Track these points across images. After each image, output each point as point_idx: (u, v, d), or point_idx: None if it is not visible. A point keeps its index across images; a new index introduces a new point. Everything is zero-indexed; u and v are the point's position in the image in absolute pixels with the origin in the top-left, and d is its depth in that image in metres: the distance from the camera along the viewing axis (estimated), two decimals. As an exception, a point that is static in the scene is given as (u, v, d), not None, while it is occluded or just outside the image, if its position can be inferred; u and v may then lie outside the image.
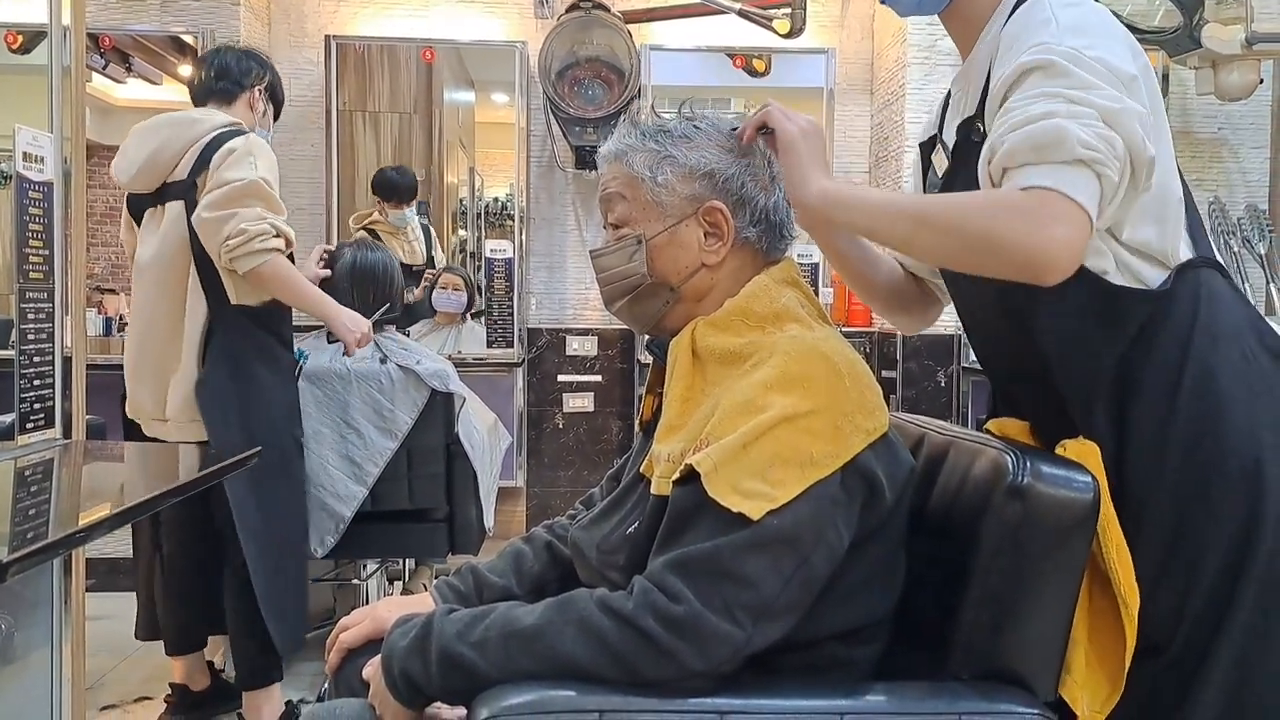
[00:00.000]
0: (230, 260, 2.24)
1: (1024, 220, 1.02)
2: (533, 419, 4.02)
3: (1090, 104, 1.04)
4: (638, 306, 1.27)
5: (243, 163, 2.27)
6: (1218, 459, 1.14)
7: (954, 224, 1.07)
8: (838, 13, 4.03)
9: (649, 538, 1.12)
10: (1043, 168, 1.03)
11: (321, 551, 2.56)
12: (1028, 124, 1.05)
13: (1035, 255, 1.02)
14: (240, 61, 2.50)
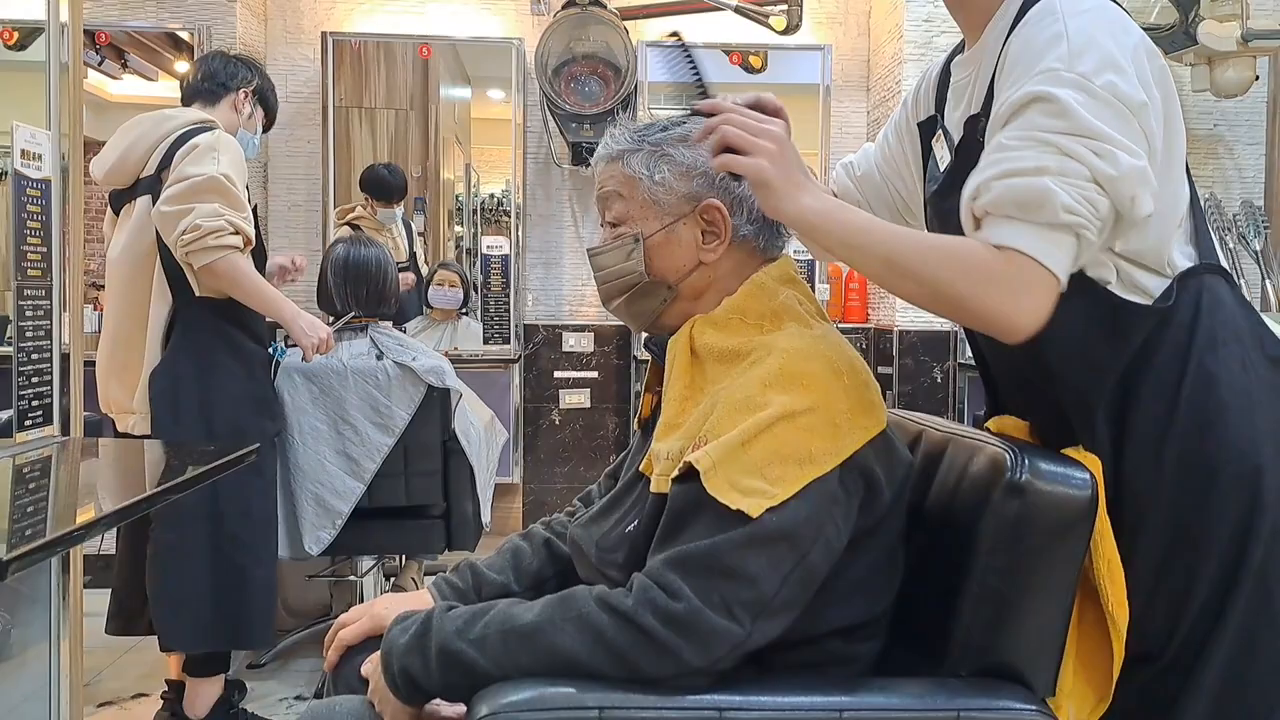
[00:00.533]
0: (185, 254, 2.24)
1: (994, 287, 1.04)
2: (529, 415, 4.02)
3: (1085, 162, 1.02)
4: (635, 305, 1.27)
5: (205, 158, 2.27)
6: (1215, 468, 1.13)
7: (925, 275, 1.07)
8: (834, 9, 4.03)
9: (648, 536, 1.13)
10: (1022, 226, 1.03)
11: (317, 549, 2.56)
12: (1016, 176, 1.04)
13: (1001, 321, 1.05)
14: (228, 65, 2.51)
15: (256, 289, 2.33)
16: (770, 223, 1.25)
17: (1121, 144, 1.03)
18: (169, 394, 2.31)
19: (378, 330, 2.71)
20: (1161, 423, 1.15)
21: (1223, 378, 1.15)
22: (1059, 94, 1.04)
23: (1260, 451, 1.13)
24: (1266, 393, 1.16)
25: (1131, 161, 1.03)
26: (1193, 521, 1.14)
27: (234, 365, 2.38)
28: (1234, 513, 1.13)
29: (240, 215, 2.29)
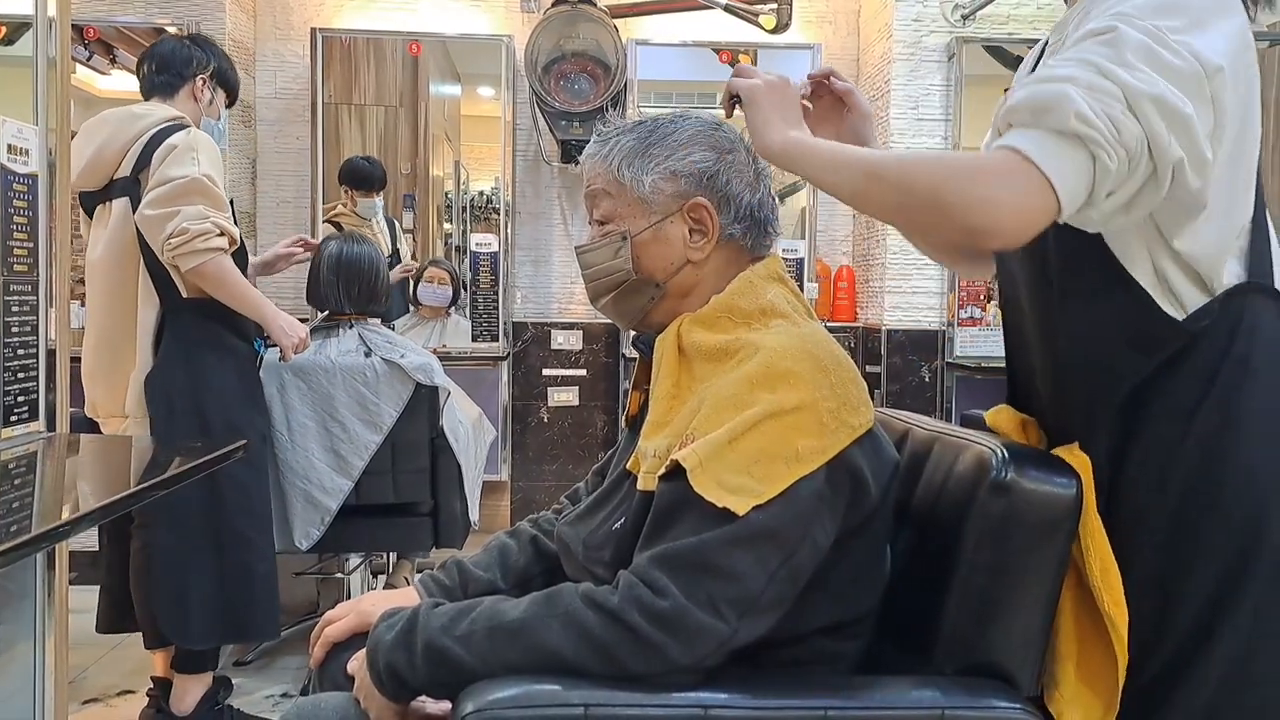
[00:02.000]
0: (172, 258, 2.24)
1: (978, 183, 0.98)
2: (517, 413, 4.02)
3: (1121, 83, 0.96)
4: (623, 302, 1.28)
5: (184, 159, 2.26)
6: (1216, 502, 1.08)
7: (904, 179, 1.03)
8: (824, 8, 4.03)
9: (634, 533, 1.13)
10: (1031, 132, 0.98)
11: (306, 544, 2.56)
12: (1040, 83, 0.99)
13: (978, 219, 0.97)
14: (178, 51, 2.47)
15: (240, 290, 2.33)
16: (758, 221, 1.26)
17: (1173, 90, 0.96)
18: (165, 397, 2.30)
19: (366, 327, 2.71)
20: (1170, 446, 1.10)
21: (1243, 412, 1.08)
22: (1120, 28, 0.99)
23: (1264, 493, 1.07)
24: None
25: (1178, 103, 0.96)
26: (1188, 553, 1.09)
27: (224, 364, 2.38)
28: (1229, 549, 1.07)
29: (224, 215, 2.29)
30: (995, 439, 1.16)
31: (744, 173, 1.25)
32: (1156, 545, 1.10)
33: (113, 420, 2.38)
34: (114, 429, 2.37)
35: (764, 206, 1.27)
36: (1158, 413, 1.11)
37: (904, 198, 1.04)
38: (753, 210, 1.25)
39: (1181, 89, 0.96)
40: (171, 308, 2.33)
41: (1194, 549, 1.09)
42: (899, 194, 1.04)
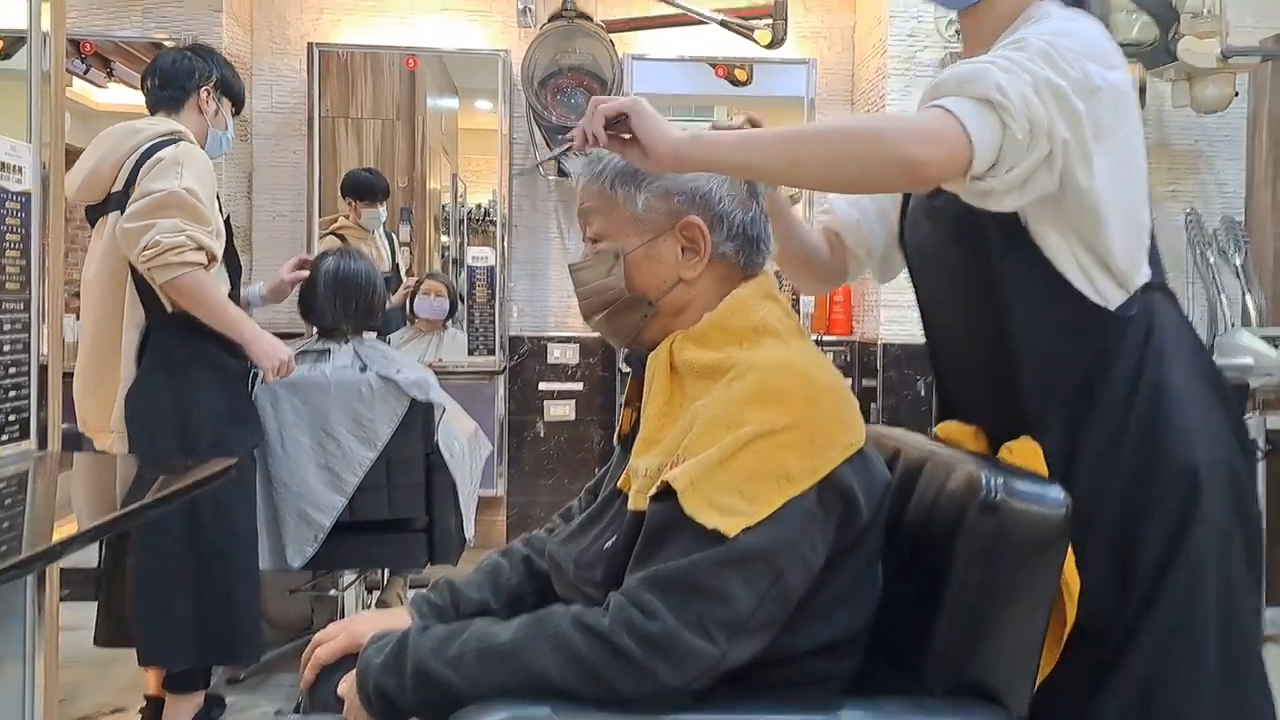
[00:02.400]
0: (147, 270, 2.23)
1: (907, 132, 1.11)
2: (514, 427, 4.02)
3: (1030, 72, 1.11)
4: (616, 320, 1.28)
5: (168, 173, 2.25)
6: (1161, 469, 1.24)
7: (842, 133, 1.15)
8: (819, 24, 4.04)
9: (625, 553, 1.13)
10: (957, 98, 1.12)
11: (300, 562, 2.55)
12: (963, 66, 1.14)
13: (908, 162, 1.10)
14: (180, 63, 2.47)
15: (218, 307, 2.31)
16: (750, 239, 1.26)
17: (1067, 86, 1.12)
18: (145, 412, 2.29)
19: (362, 343, 2.71)
20: (1116, 429, 1.25)
21: (1169, 387, 1.26)
22: (1029, 38, 1.16)
23: (1197, 453, 1.24)
24: (1201, 402, 1.28)
25: (1071, 99, 1.12)
26: (1141, 517, 1.24)
27: (210, 379, 2.36)
28: (1175, 506, 1.23)
29: (204, 230, 2.26)
30: (985, 459, 1.17)
31: (737, 191, 1.25)
32: (1113, 518, 1.24)
33: (101, 435, 2.37)
34: (103, 444, 2.37)
35: (756, 224, 1.27)
36: (1103, 397, 1.26)
37: (846, 145, 1.13)
38: (744, 228, 1.25)
39: (1073, 91, 1.13)
40: (156, 323, 2.32)
41: (1147, 514, 1.24)
42: (841, 143, 1.14)
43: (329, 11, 3.95)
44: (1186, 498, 1.23)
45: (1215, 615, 1.23)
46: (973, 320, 1.36)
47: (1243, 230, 3.74)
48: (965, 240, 1.32)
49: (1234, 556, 1.24)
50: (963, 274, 1.35)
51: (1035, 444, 1.24)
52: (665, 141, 1.14)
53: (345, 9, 3.95)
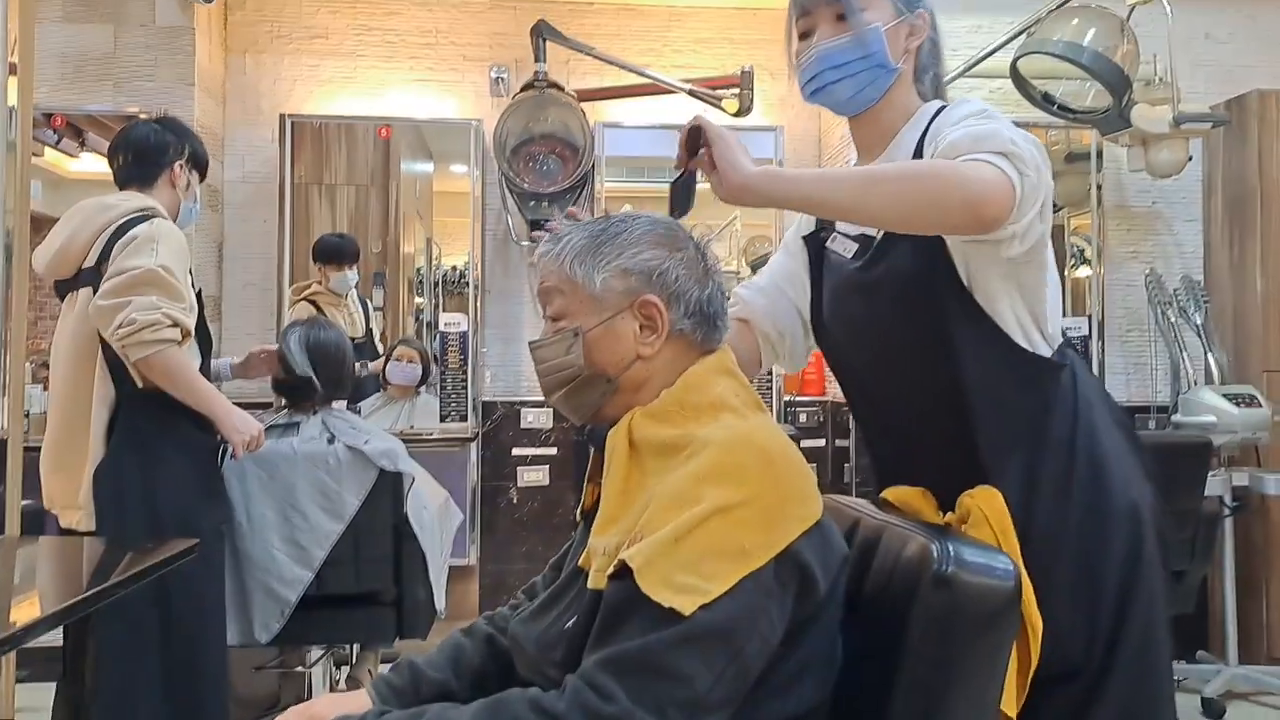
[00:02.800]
0: (121, 348, 2.23)
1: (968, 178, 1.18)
2: (486, 494, 4.00)
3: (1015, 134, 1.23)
4: (576, 397, 1.29)
5: (143, 250, 2.26)
6: (1108, 507, 1.34)
7: (906, 174, 1.24)
8: (784, 93, 4.12)
9: (585, 633, 1.12)
10: (976, 153, 1.21)
11: (266, 637, 2.51)
12: (969, 128, 1.24)
13: (980, 192, 1.17)
14: (154, 138, 2.48)
15: (191, 384, 2.31)
16: (707, 316, 1.28)
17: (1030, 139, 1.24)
18: (114, 490, 2.28)
19: (330, 413, 2.70)
20: (1064, 468, 1.34)
21: (1100, 430, 1.37)
22: (991, 111, 1.29)
23: (1133, 490, 1.35)
24: (1122, 446, 1.39)
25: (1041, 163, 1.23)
26: (1094, 553, 1.33)
27: (180, 456, 2.35)
28: (1125, 544, 1.33)
29: (179, 307, 2.27)
30: (938, 529, 1.18)
31: (693, 269, 1.28)
32: (1071, 554, 1.33)
33: (68, 512, 2.34)
34: (69, 521, 2.34)
35: (713, 302, 1.29)
36: (1050, 438, 1.35)
37: (916, 185, 1.21)
38: (702, 306, 1.27)
39: None
40: (126, 399, 2.31)
41: (1102, 549, 1.32)
42: (911, 183, 1.22)
43: (301, 83, 3.99)
44: (1133, 535, 1.33)
45: (1164, 639, 1.35)
46: (921, 384, 1.41)
47: (1202, 290, 3.81)
48: (914, 310, 1.37)
49: (1163, 592, 1.36)
50: (909, 342, 1.40)
51: (995, 490, 1.30)
52: (738, 173, 1.27)
53: (318, 81, 4.00)
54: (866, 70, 1.42)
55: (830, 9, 1.43)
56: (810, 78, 1.45)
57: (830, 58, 1.43)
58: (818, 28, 1.44)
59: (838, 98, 1.45)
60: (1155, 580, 1.34)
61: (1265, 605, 3.65)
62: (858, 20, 1.41)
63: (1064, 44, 3.11)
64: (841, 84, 1.43)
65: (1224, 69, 3.98)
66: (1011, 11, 3.67)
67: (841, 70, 1.42)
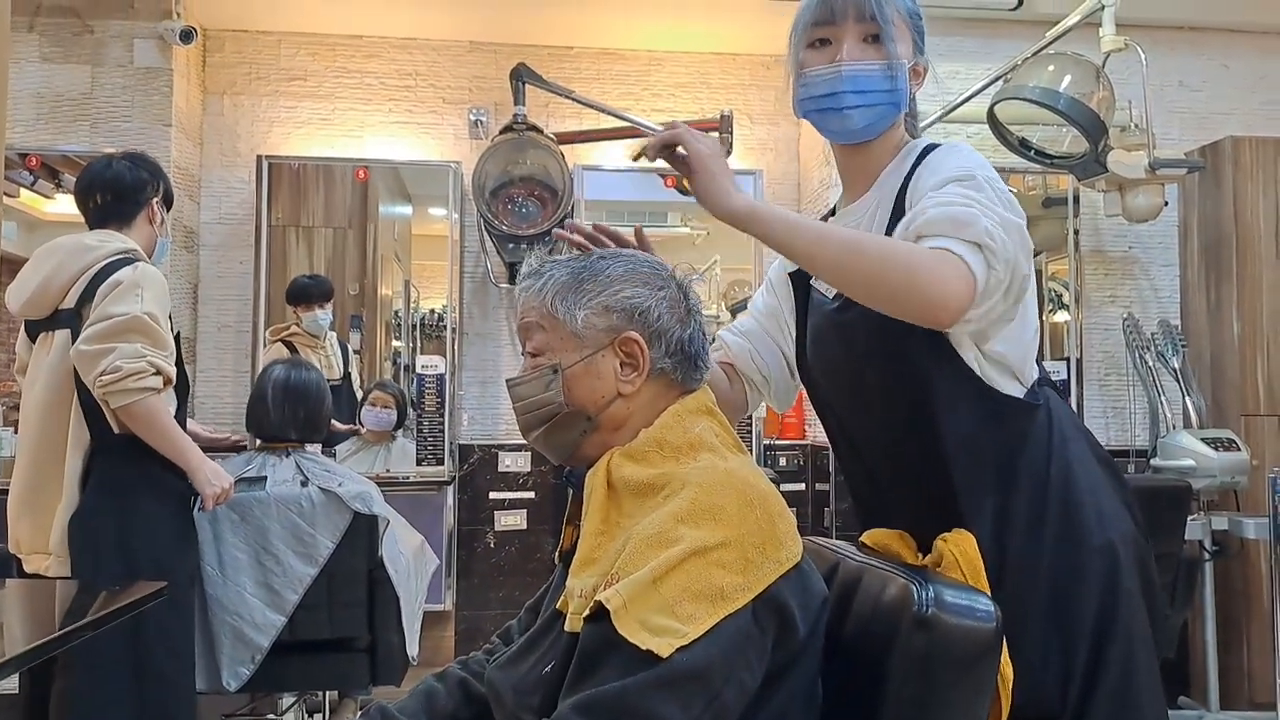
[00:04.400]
0: (103, 394, 2.21)
1: (933, 273, 1.18)
2: (463, 538, 3.95)
3: (996, 214, 1.22)
4: (555, 436, 1.27)
5: (128, 296, 2.25)
6: (1082, 544, 1.32)
7: (882, 256, 1.21)
8: (764, 137, 4.16)
9: (563, 677, 1.10)
10: (951, 240, 1.20)
11: (235, 684, 2.46)
12: (949, 205, 1.22)
13: (938, 296, 1.18)
14: (130, 175, 2.47)
15: (167, 433, 2.29)
16: (688, 355, 1.27)
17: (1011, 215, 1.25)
18: (90, 537, 2.24)
19: (303, 455, 2.67)
20: (1038, 507, 1.33)
21: (1075, 468, 1.35)
22: (974, 174, 1.26)
23: (1109, 525, 1.33)
24: (1101, 482, 1.37)
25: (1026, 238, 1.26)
26: (1068, 591, 1.31)
27: (155, 502, 2.32)
28: (1100, 581, 1.31)
29: (163, 354, 2.26)
30: (917, 571, 1.17)
31: (676, 308, 1.27)
32: (1045, 590, 1.31)
33: (35, 558, 2.30)
34: (36, 567, 2.29)
35: (694, 341, 1.28)
36: (1023, 480, 1.34)
37: (883, 270, 1.20)
38: (683, 345, 1.26)
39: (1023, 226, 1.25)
40: (102, 445, 2.28)
41: (1077, 585, 1.30)
42: (879, 267, 1.21)
43: (279, 125, 3.99)
44: (1108, 572, 1.31)
45: (1148, 682, 1.31)
46: (896, 426, 1.40)
47: (1179, 334, 3.83)
48: (887, 356, 1.36)
49: (1147, 627, 1.33)
50: (884, 384, 1.39)
51: (968, 534, 1.29)
52: (721, 207, 1.27)
53: (295, 123, 4.00)
54: (886, 104, 1.37)
55: (861, 27, 1.35)
56: (826, 94, 1.37)
57: (857, 81, 1.35)
58: (842, 42, 1.35)
59: (848, 124, 1.38)
60: (1135, 617, 1.32)
61: (1246, 650, 3.63)
62: (893, 50, 1.34)
63: (1040, 90, 3.15)
64: (858, 111, 1.36)
65: (1198, 115, 4.04)
66: (989, 58, 3.73)
67: (863, 97, 1.35)
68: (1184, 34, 4.05)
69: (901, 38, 1.37)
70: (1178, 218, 3.99)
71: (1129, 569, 1.32)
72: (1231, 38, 4.08)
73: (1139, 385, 3.89)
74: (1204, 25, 4.04)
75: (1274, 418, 3.68)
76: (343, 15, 3.90)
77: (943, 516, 1.33)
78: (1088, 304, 3.96)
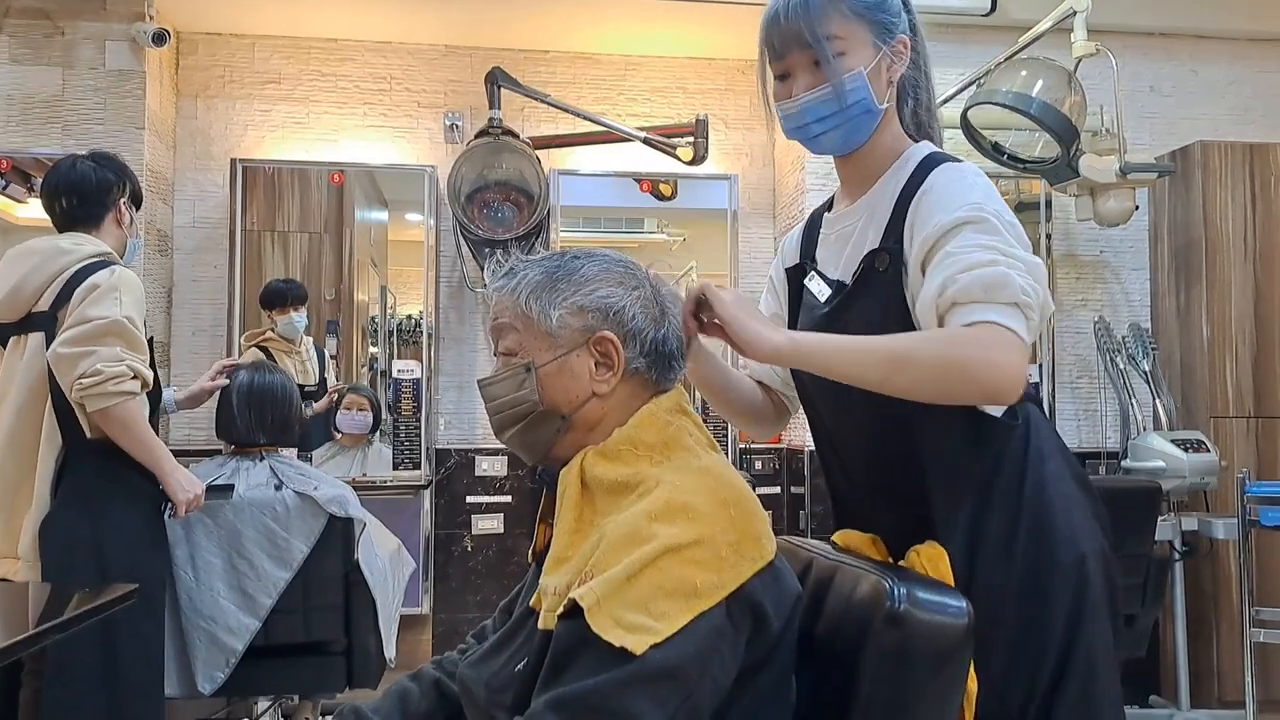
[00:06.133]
0: (80, 397, 2.20)
1: (986, 352, 1.19)
2: (440, 542, 3.94)
3: (1019, 259, 1.23)
4: (529, 434, 1.27)
5: (106, 299, 2.24)
6: (1052, 560, 1.33)
7: (929, 361, 1.21)
8: (739, 142, 4.17)
9: (536, 674, 1.10)
10: (989, 307, 1.20)
11: (210, 688, 2.44)
12: (977, 268, 1.21)
13: (996, 380, 1.19)
14: (96, 176, 2.45)
15: (142, 438, 2.28)
16: (662, 355, 1.27)
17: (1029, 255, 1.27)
18: (61, 542, 2.22)
19: (277, 459, 2.65)
20: (1011, 524, 1.34)
21: (1050, 485, 1.36)
22: (987, 216, 1.26)
23: (1081, 543, 1.34)
24: (1074, 497, 1.38)
25: (1043, 273, 1.27)
26: (1037, 607, 1.32)
27: (127, 507, 2.30)
28: (1068, 596, 1.32)
29: (141, 359, 2.26)
30: (890, 568, 1.18)
31: (649, 308, 1.27)
32: (1013, 604, 1.31)
33: (4, 562, 2.28)
34: (5, 571, 2.27)
35: (668, 341, 1.28)
36: (997, 496, 1.35)
37: (935, 376, 1.21)
38: (657, 345, 1.27)
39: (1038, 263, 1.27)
40: (74, 450, 2.26)
41: (1044, 600, 1.31)
42: (930, 373, 1.21)
43: (253, 128, 3.97)
44: (1077, 587, 1.32)
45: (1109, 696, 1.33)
46: (876, 436, 1.41)
47: (1150, 337, 3.87)
48: None
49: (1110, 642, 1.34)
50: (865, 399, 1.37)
51: (939, 547, 1.30)
52: (763, 348, 1.26)
53: (270, 126, 3.98)
54: (853, 118, 1.38)
55: (807, 55, 1.37)
56: (795, 126, 1.41)
57: (814, 110, 1.38)
58: (795, 74, 1.38)
59: (825, 146, 1.42)
60: (1098, 631, 1.33)
61: (1215, 649, 3.67)
62: (834, 70, 1.35)
63: (1013, 95, 3.18)
64: (828, 134, 1.40)
65: (1168, 121, 4.09)
66: (962, 63, 3.76)
67: (825, 123, 1.38)
68: (1155, 40, 4.10)
69: (853, 42, 1.36)
70: (1148, 222, 4.04)
71: (1097, 583, 1.33)
72: (1201, 44, 4.14)
73: (1110, 388, 3.93)
74: (1174, 31, 4.09)
75: (1243, 419, 3.73)
76: (317, 18, 3.88)
77: (916, 528, 1.35)
78: (1060, 308, 3.99)
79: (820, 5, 1.34)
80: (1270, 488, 3.28)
